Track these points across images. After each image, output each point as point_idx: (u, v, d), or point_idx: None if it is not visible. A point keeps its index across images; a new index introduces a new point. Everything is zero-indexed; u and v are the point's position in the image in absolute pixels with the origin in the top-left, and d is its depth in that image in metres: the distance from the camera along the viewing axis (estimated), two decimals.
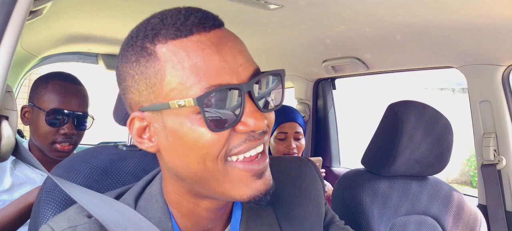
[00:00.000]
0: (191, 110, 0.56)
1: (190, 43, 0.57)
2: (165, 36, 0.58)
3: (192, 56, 0.56)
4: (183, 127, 0.57)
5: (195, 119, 0.56)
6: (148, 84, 0.58)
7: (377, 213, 1.32)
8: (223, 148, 0.57)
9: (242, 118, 0.57)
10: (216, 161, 0.58)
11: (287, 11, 1.37)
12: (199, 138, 0.56)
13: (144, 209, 0.67)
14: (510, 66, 1.56)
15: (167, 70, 0.56)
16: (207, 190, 0.61)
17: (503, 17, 1.20)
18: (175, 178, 0.64)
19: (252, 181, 0.60)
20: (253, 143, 0.59)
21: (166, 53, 0.57)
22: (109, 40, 1.97)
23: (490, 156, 1.64)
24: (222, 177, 0.59)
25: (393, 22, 1.38)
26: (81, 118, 1.44)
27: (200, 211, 0.66)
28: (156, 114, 0.59)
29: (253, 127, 0.57)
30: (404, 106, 1.38)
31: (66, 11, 1.60)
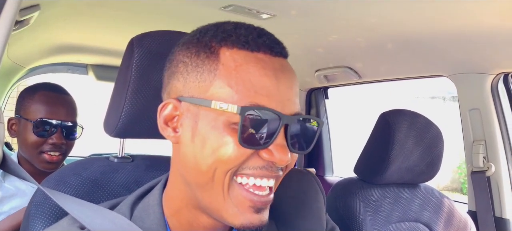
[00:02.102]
0: (228, 117, 0.57)
1: (254, 59, 0.59)
2: (233, 43, 0.60)
3: (250, 70, 0.58)
4: (213, 129, 0.57)
5: (227, 128, 0.57)
6: (198, 78, 0.59)
7: (370, 221, 1.32)
8: (241, 163, 0.58)
9: (270, 146, 0.57)
10: (225, 175, 0.58)
11: (279, 21, 1.38)
12: (223, 146, 0.57)
13: (139, 219, 0.66)
14: (499, 75, 1.58)
15: (222, 72, 0.58)
16: (205, 201, 0.61)
17: (492, 26, 1.22)
18: (182, 180, 0.63)
19: (248, 212, 0.59)
20: (268, 173, 0.59)
21: (228, 57, 0.59)
22: (99, 51, 1.95)
23: (479, 163, 1.65)
24: (224, 193, 0.58)
25: (384, 32, 1.39)
26: (70, 128, 1.41)
27: (198, 226, 0.65)
28: (193, 108, 0.60)
29: (276, 159, 0.58)
30: (396, 115, 1.39)
31: (54, 21, 1.59)
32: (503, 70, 1.56)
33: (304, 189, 0.83)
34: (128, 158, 0.91)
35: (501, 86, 1.63)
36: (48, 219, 0.74)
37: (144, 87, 0.81)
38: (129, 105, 0.81)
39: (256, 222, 0.59)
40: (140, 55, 0.80)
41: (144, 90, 0.81)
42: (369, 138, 1.46)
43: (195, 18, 1.44)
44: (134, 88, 0.80)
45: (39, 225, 0.74)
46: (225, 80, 0.58)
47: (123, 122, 0.82)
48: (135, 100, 0.81)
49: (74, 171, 0.83)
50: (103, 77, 2.12)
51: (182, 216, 0.65)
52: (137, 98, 0.81)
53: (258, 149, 0.58)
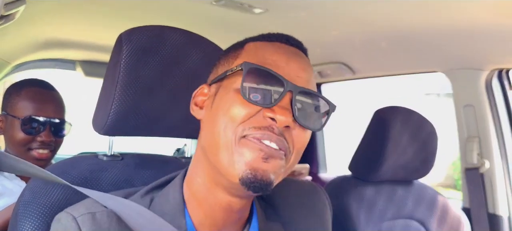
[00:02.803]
0: (236, 82, 0.64)
1: (270, 45, 0.69)
2: (256, 39, 0.72)
3: (265, 50, 0.68)
4: (225, 95, 0.65)
5: (236, 91, 0.64)
6: (225, 63, 0.70)
7: (364, 219, 1.32)
8: (245, 122, 0.62)
9: (274, 106, 0.62)
10: (234, 133, 0.62)
11: (272, 16, 1.36)
12: (231, 105, 0.63)
13: (159, 205, 0.69)
14: (493, 71, 1.59)
15: (242, 54, 0.69)
16: (217, 163, 0.64)
17: (486, 22, 1.21)
18: (202, 155, 0.68)
19: (255, 158, 0.61)
20: (269, 133, 0.62)
21: (251, 45, 0.70)
22: (87, 46, 1.92)
23: (473, 159, 1.66)
24: (233, 146, 0.62)
25: (379, 28, 1.38)
26: (58, 125, 1.39)
27: (215, 206, 0.68)
28: (215, 87, 0.69)
29: (277, 117, 0.61)
30: (390, 112, 1.39)
31: (41, 16, 1.56)
32: (497, 66, 1.56)
33: (314, 201, 0.85)
34: (118, 156, 0.89)
35: (495, 82, 1.64)
36: (36, 219, 0.73)
37: (133, 84, 0.79)
38: (118, 102, 0.79)
39: (260, 171, 0.61)
40: (129, 51, 0.79)
41: (134, 87, 0.79)
42: (364, 135, 1.46)
43: (186, 13, 1.43)
44: (123, 85, 0.79)
45: (27, 224, 0.72)
46: (244, 58, 0.67)
47: (112, 120, 0.80)
48: (124, 97, 0.79)
49: (63, 169, 0.81)
50: (91, 73, 2.09)
51: (201, 195, 0.68)
52: (126, 95, 0.79)
53: (262, 106, 0.62)
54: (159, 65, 0.82)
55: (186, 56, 0.85)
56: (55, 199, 0.75)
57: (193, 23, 1.16)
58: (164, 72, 0.82)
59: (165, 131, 0.89)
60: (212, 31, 0.99)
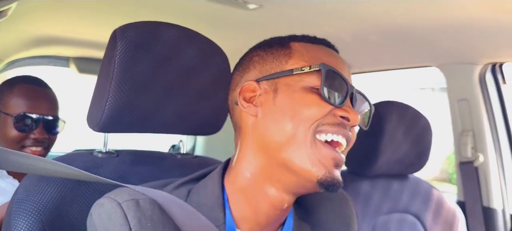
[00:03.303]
0: (307, 82, 0.67)
1: (319, 48, 0.73)
2: (300, 39, 0.73)
3: (318, 51, 0.71)
4: (294, 95, 0.67)
5: (307, 90, 0.66)
6: (275, 60, 0.71)
7: (360, 213, 1.31)
8: (319, 120, 0.65)
9: (344, 106, 0.67)
10: (308, 131, 0.65)
11: (266, 12, 1.36)
12: (305, 106, 0.65)
13: (196, 196, 0.70)
14: (486, 65, 1.60)
15: (295, 53, 0.70)
16: (286, 161, 0.65)
17: (480, 17, 1.22)
18: (258, 149, 0.69)
19: (330, 165, 0.65)
20: (342, 129, 0.66)
21: (298, 45, 0.72)
22: (81, 43, 1.91)
23: (468, 153, 1.67)
24: (307, 148, 0.64)
25: (372, 23, 1.38)
26: (52, 122, 1.39)
27: (264, 202, 0.69)
28: (271, 84, 0.69)
29: (350, 116, 0.66)
30: (385, 107, 1.39)
31: (34, 12, 1.54)
32: (490, 60, 1.57)
33: (343, 208, 0.87)
34: (113, 152, 0.89)
35: (489, 76, 1.65)
36: (30, 217, 0.72)
37: (128, 80, 0.79)
38: (112, 99, 0.79)
39: (335, 175, 0.66)
40: (123, 47, 0.78)
41: (128, 83, 0.79)
42: (359, 130, 1.45)
43: (180, 8, 1.42)
44: (118, 81, 0.78)
45: (21, 222, 0.72)
46: (299, 57, 0.69)
47: (106, 116, 0.80)
48: (119, 93, 0.79)
49: None
50: (85, 70, 2.08)
51: (249, 191, 0.69)
52: (121, 92, 0.79)
53: (335, 106, 0.66)
54: (154, 61, 0.81)
55: (181, 52, 0.84)
56: (50, 197, 0.75)
57: (188, 19, 1.15)
58: (159, 68, 0.82)
59: (161, 127, 0.89)
60: (206, 26, 0.98)
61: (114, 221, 0.61)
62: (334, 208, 0.85)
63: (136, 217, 0.62)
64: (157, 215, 0.63)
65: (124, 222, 0.61)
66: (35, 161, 0.72)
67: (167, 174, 0.89)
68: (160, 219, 0.63)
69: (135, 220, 0.61)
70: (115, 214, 0.61)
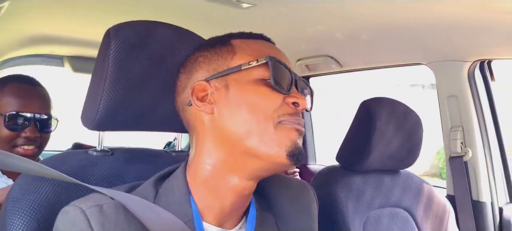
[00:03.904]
0: (256, 75, 0.71)
1: (260, 42, 0.77)
2: (238, 36, 0.77)
3: (258, 44, 0.76)
4: (245, 86, 0.70)
5: (256, 82, 0.70)
6: (220, 59, 0.74)
7: (352, 208, 1.33)
8: (277, 110, 0.69)
9: (292, 93, 0.72)
10: (270, 118, 0.69)
11: (259, 10, 1.37)
12: (260, 95, 0.69)
13: (164, 196, 0.72)
14: (475, 62, 1.61)
15: (238, 49, 0.74)
16: (252, 150, 0.69)
17: (468, 15, 1.23)
18: (219, 143, 0.72)
19: (294, 136, 0.69)
20: (299, 118, 0.71)
21: (238, 41, 0.76)
22: (75, 42, 1.90)
23: (457, 148, 1.69)
24: (272, 133, 0.68)
25: (364, 21, 1.40)
26: (44, 121, 1.37)
27: (227, 191, 0.72)
28: (221, 81, 0.72)
29: (300, 102, 0.71)
30: (376, 103, 1.41)
31: (27, 11, 1.54)
32: (479, 57, 1.59)
33: (304, 196, 0.90)
34: (108, 151, 0.89)
35: (477, 73, 1.67)
36: (26, 215, 0.72)
37: (122, 79, 0.79)
38: (107, 97, 0.79)
39: (300, 145, 0.70)
40: (117, 46, 0.79)
41: (122, 82, 0.80)
42: (351, 126, 1.47)
43: (174, 7, 1.43)
44: (112, 80, 0.79)
45: (16, 221, 0.72)
46: (243, 53, 0.73)
47: (101, 115, 0.80)
48: (113, 92, 0.79)
49: (52, 165, 0.79)
50: (80, 69, 2.07)
51: (211, 183, 0.72)
52: (115, 90, 0.79)
53: (285, 94, 0.71)
54: (148, 60, 0.82)
55: (175, 51, 0.85)
56: (45, 195, 0.75)
57: (182, 18, 1.16)
58: (153, 67, 0.82)
59: (155, 125, 0.89)
60: (200, 26, 0.99)
61: (78, 227, 0.63)
62: (294, 196, 0.88)
63: (100, 222, 0.63)
64: (121, 219, 0.65)
65: (87, 228, 0.62)
66: (26, 163, 0.72)
67: None
68: (125, 222, 0.65)
69: (98, 226, 0.63)
70: (78, 221, 0.63)
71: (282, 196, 0.86)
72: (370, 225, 1.35)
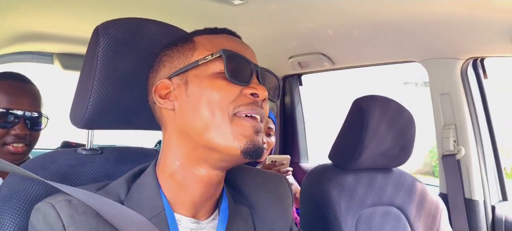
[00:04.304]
0: (213, 68, 0.72)
1: (220, 36, 0.77)
2: (202, 33, 0.78)
3: (220, 39, 0.76)
4: (203, 83, 0.71)
5: (214, 76, 0.71)
6: (181, 56, 0.75)
7: (344, 206, 1.33)
8: (233, 102, 0.70)
9: (251, 84, 0.72)
10: (225, 111, 0.70)
11: (251, 7, 1.36)
12: (216, 88, 0.70)
13: (136, 192, 0.74)
14: (468, 60, 1.62)
15: (199, 46, 0.75)
16: (210, 143, 0.70)
17: (462, 12, 1.24)
18: (181, 137, 0.74)
19: (250, 133, 0.70)
20: (256, 108, 0.72)
21: (201, 38, 0.76)
22: (64, 39, 1.88)
23: (450, 146, 1.70)
24: (227, 126, 0.69)
25: (357, 19, 1.39)
26: (35, 119, 1.36)
27: (194, 182, 0.74)
28: (182, 78, 0.74)
29: (258, 92, 0.72)
30: (369, 101, 1.40)
31: (16, 8, 1.52)
32: (472, 55, 1.59)
33: (278, 187, 0.92)
34: (97, 150, 0.88)
35: (470, 71, 1.67)
36: (16, 214, 0.72)
37: (111, 77, 0.79)
38: (96, 95, 0.78)
39: (257, 142, 0.71)
40: (106, 44, 0.78)
41: (111, 80, 0.79)
42: (343, 124, 1.47)
43: (165, 5, 1.42)
44: (101, 78, 0.78)
45: (7, 220, 0.71)
46: (203, 48, 0.74)
47: (90, 113, 0.79)
48: (102, 90, 0.78)
49: (41, 164, 0.80)
50: (70, 67, 2.05)
51: (178, 175, 0.74)
52: (104, 88, 0.78)
53: (243, 85, 0.71)
54: (137, 57, 0.81)
55: None
56: (35, 194, 0.74)
57: (172, 15, 1.15)
58: (142, 64, 0.81)
59: (145, 123, 0.88)
60: (191, 23, 0.98)
61: (48, 221, 0.66)
62: (269, 188, 0.90)
63: (69, 214, 0.66)
64: (91, 210, 0.68)
65: (57, 220, 0.65)
66: (7, 166, 0.72)
67: None
68: (94, 212, 0.68)
69: (67, 217, 0.66)
70: (49, 214, 0.66)
71: (257, 188, 0.88)
72: (362, 224, 1.35)
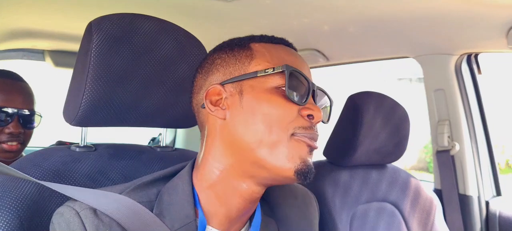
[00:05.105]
0: (271, 82, 0.68)
1: (278, 47, 0.74)
2: (259, 40, 0.75)
3: (278, 50, 0.73)
4: (260, 94, 0.68)
5: (271, 91, 0.68)
6: (237, 63, 0.72)
7: (339, 203, 1.33)
8: (292, 122, 0.67)
9: (307, 104, 0.69)
10: (284, 130, 0.67)
11: (245, 4, 1.35)
12: (275, 105, 0.67)
13: (167, 195, 0.71)
14: (462, 56, 1.62)
15: (257, 54, 0.71)
16: (261, 160, 0.67)
17: (455, 8, 1.23)
18: (229, 148, 0.70)
19: (306, 154, 0.67)
20: (314, 133, 0.69)
21: (258, 46, 0.73)
22: (56, 36, 1.86)
23: (444, 142, 1.70)
24: (284, 146, 0.66)
25: (351, 14, 1.39)
26: (28, 117, 1.36)
27: (235, 196, 0.71)
28: (236, 86, 0.70)
29: (315, 114, 0.68)
30: (363, 97, 1.40)
31: (6, 4, 1.50)
32: (466, 50, 1.60)
33: (307, 204, 0.90)
34: (91, 147, 0.88)
35: (464, 66, 1.68)
36: (8, 212, 0.71)
37: (105, 73, 0.78)
38: (89, 92, 0.77)
39: (310, 164, 0.67)
40: (99, 40, 0.77)
41: (105, 77, 0.78)
42: (338, 121, 1.47)
43: (157, 1, 1.41)
44: (94, 75, 0.77)
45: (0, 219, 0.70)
46: (261, 58, 0.71)
47: (83, 110, 0.78)
48: (96, 87, 0.77)
49: (34, 162, 0.79)
50: (61, 64, 2.04)
51: (218, 187, 0.71)
52: (98, 85, 0.78)
53: (300, 105, 0.68)
54: (131, 54, 0.80)
55: (158, 44, 0.83)
56: (27, 192, 0.73)
57: (165, 11, 1.14)
58: (136, 61, 0.81)
59: (139, 120, 0.88)
60: (184, 18, 0.97)
61: (72, 229, 0.63)
62: (298, 205, 0.88)
63: (94, 224, 0.63)
64: (115, 224, 0.64)
65: (81, 230, 0.63)
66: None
67: (147, 167, 0.89)
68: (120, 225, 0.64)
69: (92, 228, 0.63)
70: (73, 223, 0.63)
71: (286, 203, 0.85)
72: (357, 220, 1.35)
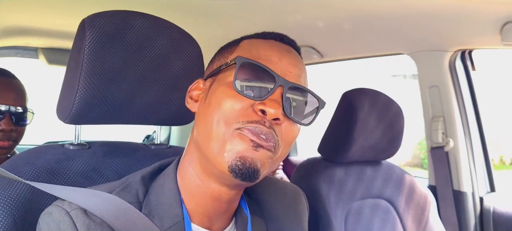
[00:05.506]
0: (229, 76, 0.66)
1: (265, 42, 0.72)
2: (250, 37, 0.75)
3: (259, 46, 0.70)
4: (218, 88, 0.67)
5: (229, 85, 0.65)
6: (221, 58, 0.73)
7: (334, 200, 1.34)
8: (239, 116, 0.63)
9: (265, 100, 0.63)
10: (228, 126, 0.63)
11: (240, 0, 1.35)
12: (224, 98, 0.65)
13: (154, 195, 0.70)
14: (456, 52, 1.63)
15: (237, 50, 0.71)
16: (208, 156, 0.65)
17: (450, 4, 1.23)
18: (195, 147, 0.70)
19: (241, 146, 0.62)
20: (261, 127, 0.63)
21: (246, 42, 0.73)
22: (49, 33, 1.85)
23: (438, 138, 1.71)
24: (225, 140, 0.63)
25: (345, 11, 1.39)
26: (20, 114, 1.35)
27: (206, 195, 0.69)
28: (210, 80, 0.71)
29: (267, 110, 0.62)
30: (358, 94, 1.41)
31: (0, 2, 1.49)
32: (460, 47, 1.60)
33: (296, 202, 0.89)
34: (85, 144, 0.87)
35: (458, 63, 1.68)
36: (1, 211, 0.70)
37: (99, 71, 0.77)
38: (83, 90, 0.77)
39: (249, 161, 0.62)
40: (92, 37, 0.76)
41: (99, 74, 0.77)
42: (332, 118, 1.47)
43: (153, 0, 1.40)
44: (88, 72, 0.76)
45: None
46: (240, 53, 0.69)
47: (77, 108, 0.78)
48: (90, 84, 0.77)
49: (27, 160, 0.79)
50: (55, 61, 2.02)
51: (193, 185, 0.70)
52: (92, 82, 0.77)
53: (253, 100, 0.64)
54: (125, 51, 0.80)
55: (152, 41, 0.83)
56: (21, 190, 0.73)
57: (159, 8, 1.13)
58: (130, 58, 0.80)
59: (133, 118, 0.87)
60: (177, 15, 0.96)
61: (63, 229, 0.61)
62: (287, 202, 0.86)
63: (85, 224, 0.61)
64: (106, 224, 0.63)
65: (72, 230, 0.61)
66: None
67: (141, 165, 0.88)
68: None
69: (84, 228, 0.61)
70: (63, 222, 0.61)
71: (275, 201, 0.84)
72: (352, 216, 1.36)
